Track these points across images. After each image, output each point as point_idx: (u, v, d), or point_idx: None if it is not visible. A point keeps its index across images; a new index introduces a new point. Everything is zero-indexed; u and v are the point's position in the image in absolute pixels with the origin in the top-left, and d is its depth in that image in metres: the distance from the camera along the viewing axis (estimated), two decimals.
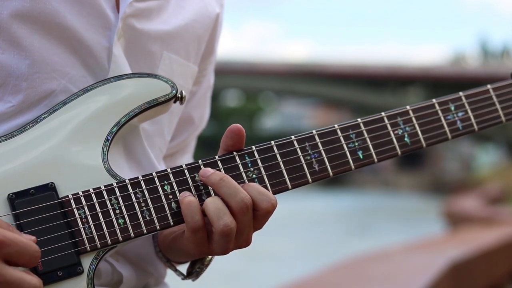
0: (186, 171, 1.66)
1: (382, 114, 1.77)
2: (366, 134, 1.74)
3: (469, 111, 1.82)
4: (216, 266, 1.89)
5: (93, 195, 1.61)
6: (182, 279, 1.83)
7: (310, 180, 1.70)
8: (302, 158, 1.70)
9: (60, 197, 1.60)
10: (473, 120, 1.82)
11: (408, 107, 1.79)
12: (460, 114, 1.82)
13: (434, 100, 1.81)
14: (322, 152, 1.71)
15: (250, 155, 1.68)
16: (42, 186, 1.60)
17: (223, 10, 1.98)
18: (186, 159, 2.04)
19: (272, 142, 1.70)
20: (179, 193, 1.64)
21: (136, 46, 1.77)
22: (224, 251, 1.65)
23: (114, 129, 1.67)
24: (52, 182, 1.61)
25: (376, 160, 1.75)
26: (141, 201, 1.63)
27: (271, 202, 1.63)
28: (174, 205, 1.64)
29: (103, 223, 1.60)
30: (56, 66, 1.69)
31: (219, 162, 1.67)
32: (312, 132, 1.72)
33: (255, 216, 1.64)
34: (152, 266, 1.82)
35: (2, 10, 1.66)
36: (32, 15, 1.67)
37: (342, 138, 1.73)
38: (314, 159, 1.71)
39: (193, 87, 1.95)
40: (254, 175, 1.67)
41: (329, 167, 1.71)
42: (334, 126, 1.74)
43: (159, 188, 1.64)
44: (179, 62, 1.85)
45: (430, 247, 8.03)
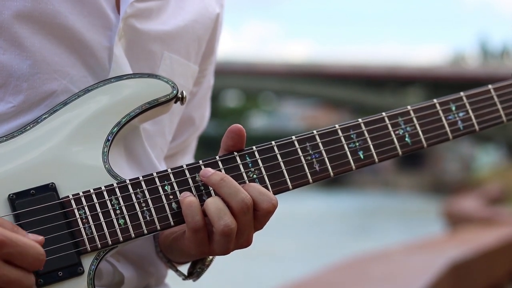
0: (186, 171, 1.66)
1: (383, 114, 1.77)
2: (367, 134, 1.74)
3: (470, 111, 1.82)
4: (216, 266, 1.89)
5: (93, 196, 1.61)
6: (183, 280, 1.83)
7: (310, 180, 1.70)
8: (302, 158, 1.70)
9: (60, 197, 1.60)
10: (474, 120, 1.82)
11: (409, 107, 1.79)
12: (461, 114, 1.81)
13: (435, 100, 1.81)
14: (323, 152, 1.71)
15: (250, 155, 1.68)
16: (42, 186, 1.60)
17: (223, 10, 1.98)
18: (187, 160, 2.04)
19: (272, 142, 1.70)
20: (180, 193, 1.64)
21: (136, 46, 1.77)
22: (224, 251, 1.65)
23: (115, 129, 1.67)
24: (52, 183, 1.61)
25: (377, 160, 1.75)
26: (141, 201, 1.63)
27: (272, 202, 1.63)
28: (174, 205, 1.64)
29: (104, 224, 1.60)
30: (57, 66, 1.69)
31: (220, 162, 1.67)
32: (313, 132, 1.72)
33: (256, 216, 1.64)
34: (153, 267, 1.82)
35: (4, 10, 1.65)
36: (33, 15, 1.66)
37: (343, 138, 1.73)
38: (314, 159, 1.71)
39: (193, 88, 1.95)
40: (254, 175, 1.67)
41: (329, 167, 1.71)
42: (335, 126, 1.73)
43: (160, 188, 1.64)
44: (180, 62, 1.85)
45: (430, 247, 8.03)
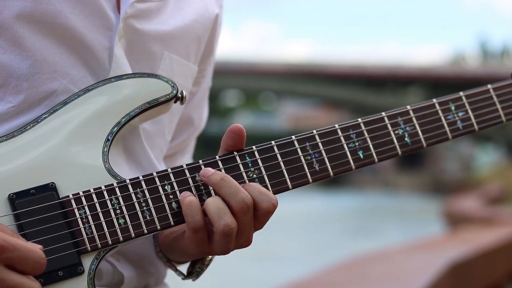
0: (186, 171, 1.66)
1: (383, 114, 1.77)
2: (366, 134, 1.74)
3: (469, 111, 1.82)
4: (216, 266, 1.89)
5: (93, 195, 1.61)
6: (183, 279, 1.84)
7: (310, 180, 1.70)
8: (302, 158, 1.70)
9: (60, 197, 1.60)
10: (473, 120, 1.82)
11: (408, 107, 1.79)
12: (460, 114, 1.82)
13: (434, 100, 1.81)
14: (323, 152, 1.71)
15: (250, 155, 1.68)
16: (42, 186, 1.60)
17: (222, 10, 1.98)
18: (186, 160, 2.04)
19: (272, 142, 1.70)
20: (180, 193, 1.64)
21: (136, 46, 1.77)
22: (224, 251, 1.65)
23: (115, 129, 1.67)
24: (52, 182, 1.61)
25: (376, 160, 1.75)
26: (141, 201, 1.63)
27: (272, 202, 1.63)
28: (174, 205, 1.64)
29: (104, 223, 1.60)
30: (57, 66, 1.69)
31: (220, 162, 1.67)
32: (312, 132, 1.72)
33: (256, 216, 1.64)
34: (152, 266, 1.82)
35: (4, 10, 1.66)
36: (34, 15, 1.67)
37: (342, 138, 1.73)
38: (314, 159, 1.71)
39: (192, 88, 1.95)
40: (254, 175, 1.68)
41: (329, 167, 1.71)
42: (334, 126, 1.74)
43: (160, 188, 1.64)
44: (180, 62, 1.85)
45: (430, 247, 8.02)
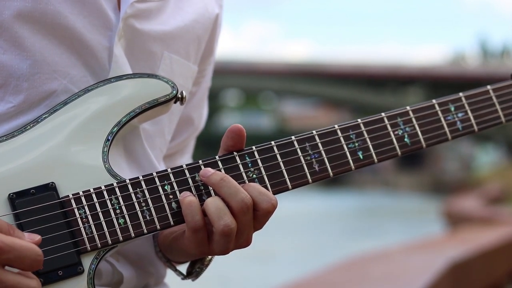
0: (186, 171, 1.66)
1: (382, 114, 1.77)
2: (366, 135, 1.75)
3: (469, 112, 1.82)
4: (215, 266, 1.89)
5: (93, 195, 1.61)
6: (182, 279, 1.84)
7: (310, 180, 1.71)
8: (302, 158, 1.70)
9: (60, 197, 1.60)
10: (473, 120, 1.82)
11: (408, 108, 1.79)
12: (460, 114, 1.82)
13: (434, 100, 1.81)
14: (322, 152, 1.72)
15: (250, 155, 1.68)
16: (42, 186, 1.60)
17: (222, 10, 1.98)
18: (185, 160, 2.04)
19: (272, 143, 1.70)
20: (180, 193, 1.64)
21: (136, 46, 1.77)
22: (224, 251, 1.65)
23: (115, 129, 1.67)
24: (52, 182, 1.61)
25: (376, 160, 1.75)
26: (141, 201, 1.63)
27: (272, 202, 1.63)
28: (174, 205, 1.64)
29: (104, 223, 1.60)
30: (57, 66, 1.69)
31: (220, 162, 1.67)
32: (312, 132, 1.73)
33: (256, 216, 1.64)
34: (152, 266, 1.83)
35: (4, 11, 1.66)
36: (33, 15, 1.67)
37: (342, 139, 1.73)
38: (314, 159, 1.71)
39: (192, 88, 1.95)
40: (254, 175, 1.68)
41: (329, 167, 1.72)
42: (334, 127, 1.74)
43: (160, 188, 1.64)
44: (180, 62, 1.85)
45: (430, 247, 8.02)
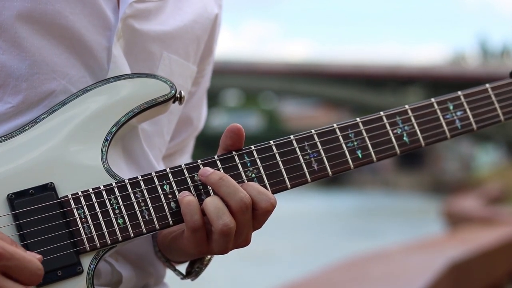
0: (185, 171, 1.66)
1: (381, 113, 1.77)
2: (365, 134, 1.74)
3: (467, 110, 1.82)
4: (215, 266, 1.89)
5: (92, 195, 1.61)
6: (181, 279, 1.84)
7: (309, 179, 1.71)
8: (301, 157, 1.70)
9: (59, 197, 1.60)
10: (471, 119, 1.82)
11: (406, 107, 1.79)
12: (458, 113, 1.82)
13: (432, 99, 1.81)
14: (321, 151, 1.72)
15: (249, 155, 1.68)
16: (41, 186, 1.60)
17: (222, 10, 1.98)
18: (184, 159, 2.04)
19: (271, 142, 1.70)
20: (179, 192, 1.64)
21: (135, 46, 1.77)
22: (223, 251, 1.65)
23: (113, 129, 1.67)
24: (51, 182, 1.61)
25: (375, 159, 1.75)
26: (140, 200, 1.63)
27: (270, 202, 1.63)
28: (173, 204, 1.64)
29: (103, 223, 1.60)
30: (56, 66, 1.69)
31: (218, 162, 1.67)
32: (311, 131, 1.72)
33: (255, 215, 1.64)
34: (151, 266, 1.82)
35: (3, 11, 1.66)
36: (33, 16, 1.67)
37: (341, 138, 1.73)
38: (313, 159, 1.71)
39: (192, 88, 1.95)
40: (253, 175, 1.68)
41: (328, 167, 1.71)
42: (333, 126, 1.74)
43: (158, 187, 1.64)
44: (179, 62, 1.85)
45: (430, 247, 8.02)
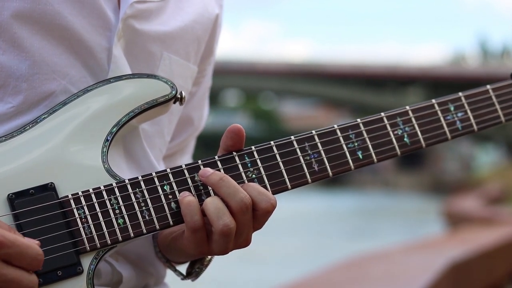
0: (185, 171, 1.66)
1: (382, 114, 1.77)
2: (365, 134, 1.74)
3: (468, 112, 1.82)
4: (215, 267, 1.89)
5: (92, 195, 1.61)
6: (182, 279, 1.84)
7: (309, 180, 1.70)
8: (301, 158, 1.70)
9: (59, 197, 1.60)
10: (472, 120, 1.82)
11: (407, 107, 1.79)
12: (459, 114, 1.82)
13: (433, 100, 1.81)
14: (322, 152, 1.71)
15: (249, 155, 1.68)
16: (41, 186, 1.60)
17: (222, 10, 1.98)
18: (185, 160, 2.04)
19: (271, 142, 1.70)
20: (179, 193, 1.64)
21: (136, 46, 1.77)
22: (223, 251, 1.65)
23: (114, 129, 1.67)
24: (51, 182, 1.61)
25: (375, 160, 1.75)
26: (140, 201, 1.63)
27: (271, 202, 1.63)
28: (173, 205, 1.64)
29: (103, 223, 1.60)
30: (56, 67, 1.69)
31: (219, 162, 1.67)
32: (311, 132, 1.72)
33: (255, 216, 1.64)
34: (152, 266, 1.82)
35: (3, 11, 1.65)
36: (32, 16, 1.67)
37: (341, 138, 1.73)
38: (313, 159, 1.71)
39: (192, 88, 1.95)
40: (253, 175, 1.68)
41: (328, 167, 1.71)
42: (333, 127, 1.74)
43: (159, 188, 1.64)
44: (179, 62, 1.85)
45: (430, 247, 8.02)
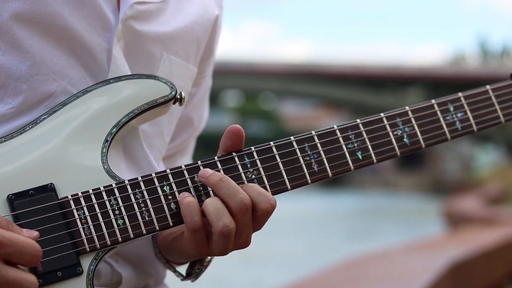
0: (185, 172, 1.66)
1: (381, 115, 1.77)
2: (365, 135, 1.74)
3: (468, 112, 1.82)
4: (214, 268, 1.89)
5: (92, 196, 1.61)
6: (181, 280, 1.84)
7: (309, 180, 1.70)
8: (301, 158, 1.70)
9: (59, 197, 1.60)
10: (472, 120, 1.82)
11: (407, 108, 1.79)
12: (459, 114, 1.82)
13: (433, 100, 1.81)
14: (321, 152, 1.71)
15: (249, 156, 1.68)
16: (41, 187, 1.60)
17: (222, 11, 1.98)
18: (185, 160, 2.04)
19: (271, 143, 1.70)
20: (179, 193, 1.64)
21: (135, 47, 1.77)
22: (223, 252, 1.65)
23: (114, 130, 1.67)
24: (51, 183, 1.61)
25: (375, 160, 1.75)
26: (140, 201, 1.63)
27: (270, 203, 1.63)
28: (173, 205, 1.64)
29: (103, 224, 1.60)
30: (56, 67, 1.69)
31: (218, 163, 1.67)
32: (311, 133, 1.72)
33: (254, 216, 1.64)
34: (151, 267, 1.82)
35: (3, 12, 1.65)
36: (32, 17, 1.67)
37: (341, 139, 1.73)
38: (313, 160, 1.71)
39: (192, 89, 1.95)
40: (253, 176, 1.68)
41: (328, 168, 1.71)
42: (333, 127, 1.74)
43: (159, 188, 1.64)
44: (179, 63, 1.85)
45: (430, 247, 8.03)
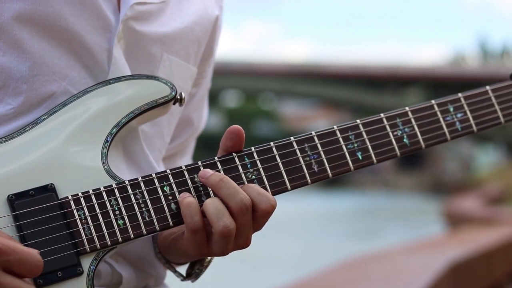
0: (185, 172, 1.66)
1: (381, 115, 1.77)
2: (365, 135, 1.75)
3: (468, 112, 1.82)
4: (214, 268, 1.89)
5: (92, 196, 1.61)
6: (182, 280, 1.84)
7: (309, 181, 1.71)
8: (301, 159, 1.71)
9: (59, 198, 1.60)
10: (472, 121, 1.82)
11: (407, 108, 1.79)
12: (459, 115, 1.82)
13: (433, 101, 1.81)
14: (321, 153, 1.72)
15: (249, 156, 1.68)
16: (41, 187, 1.60)
17: (222, 12, 1.98)
18: (185, 161, 2.04)
19: (271, 143, 1.70)
20: (179, 194, 1.64)
21: (136, 48, 1.77)
22: (223, 252, 1.65)
23: (114, 130, 1.67)
24: (51, 183, 1.61)
25: (375, 161, 1.75)
26: (140, 202, 1.63)
27: (271, 203, 1.63)
28: (173, 206, 1.64)
29: (103, 224, 1.60)
30: (56, 68, 1.69)
31: (219, 163, 1.67)
32: (311, 133, 1.73)
33: (255, 217, 1.64)
34: (151, 267, 1.83)
35: (3, 13, 1.66)
36: (33, 17, 1.67)
37: (341, 139, 1.73)
38: (313, 160, 1.71)
39: (192, 89, 1.95)
40: (253, 176, 1.68)
41: (328, 168, 1.72)
42: (333, 127, 1.74)
43: (159, 189, 1.64)
44: (179, 64, 1.85)
45: (430, 248, 8.03)
